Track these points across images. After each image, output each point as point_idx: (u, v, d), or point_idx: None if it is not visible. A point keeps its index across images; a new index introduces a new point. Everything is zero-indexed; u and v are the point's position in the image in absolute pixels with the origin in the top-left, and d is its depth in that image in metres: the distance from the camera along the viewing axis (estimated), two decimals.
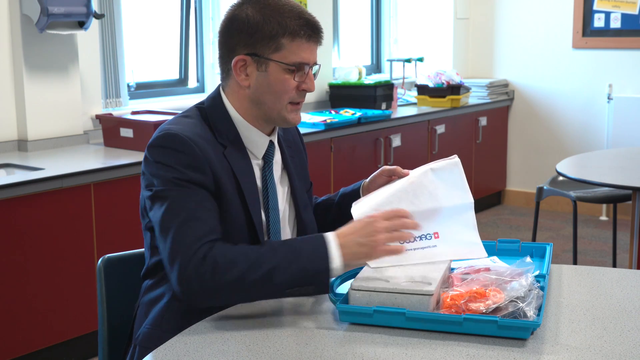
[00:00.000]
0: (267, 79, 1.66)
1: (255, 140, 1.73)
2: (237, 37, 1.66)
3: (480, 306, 1.45)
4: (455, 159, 1.74)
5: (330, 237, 1.56)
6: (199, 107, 1.75)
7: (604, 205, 5.58)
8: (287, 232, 1.80)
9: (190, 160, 1.59)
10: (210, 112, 1.72)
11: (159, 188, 1.59)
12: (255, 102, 1.69)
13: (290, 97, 1.68)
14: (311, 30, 1.66)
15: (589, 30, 5.50)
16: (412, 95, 5.46)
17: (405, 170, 1.75)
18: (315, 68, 1.70)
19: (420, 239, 1.68)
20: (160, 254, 1.61)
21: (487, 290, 1.49)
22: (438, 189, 1.70)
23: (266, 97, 1.68)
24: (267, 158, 1.75)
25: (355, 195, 1.86)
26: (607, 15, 5.41)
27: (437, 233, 1.68)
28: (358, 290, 1.52)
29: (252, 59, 1.65)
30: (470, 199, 1.71)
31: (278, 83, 1.66)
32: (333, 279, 1.58)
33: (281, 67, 1.65)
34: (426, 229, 1.68)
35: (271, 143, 1.76)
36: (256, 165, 1.73)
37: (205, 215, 1.57)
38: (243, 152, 1.71)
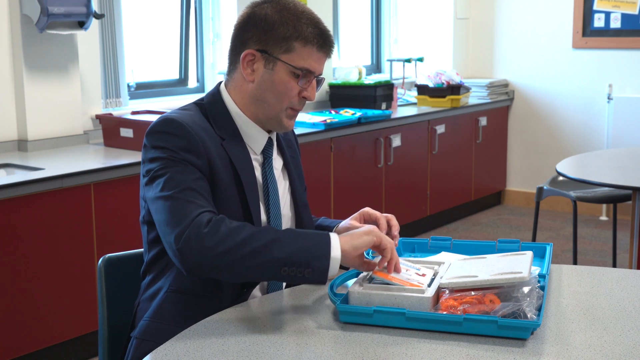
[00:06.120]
0: (272, 78, 1.68)
1: (254, 136, 1.74)
2: (251, 31, 1.69)
3: (481, 308, 1.45)
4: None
5: (334, 234, 1.56)
6: (198, 103, 1.77)
7: (604, 205, 5.58)
8: None
9: (186, 143, 1.61)
10: (210, 107, 1.74)
11: (156, 168, 1.61)
12: (256, 99, 1.71)
13: (290, 102, 1.70)
14: (323, 41, 1.70)
15: (589, 30, 5.50)
16: (412, 95, 5.46)
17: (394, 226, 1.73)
18: (319, 78, 1.73)
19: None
20: (156, 224, 1.60)
21: (484, 296, 1.49)
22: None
23: (268, 95, 1.69)
24: (266, 154, 1.76)
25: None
26: (607, 15, 5.41)
27: None
28: (358, 290, 1.52)
29: (261, 55, 1.68)
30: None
31: (281, 84, 1.68)
32: (334, 276, 1.57)
33: (287, 69, 1.67)
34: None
35: (269, 140, 1.77)
36: (255, 160, 1.74)
37: (203, 192, 1.59)
38: (242, 146, 1.72)
